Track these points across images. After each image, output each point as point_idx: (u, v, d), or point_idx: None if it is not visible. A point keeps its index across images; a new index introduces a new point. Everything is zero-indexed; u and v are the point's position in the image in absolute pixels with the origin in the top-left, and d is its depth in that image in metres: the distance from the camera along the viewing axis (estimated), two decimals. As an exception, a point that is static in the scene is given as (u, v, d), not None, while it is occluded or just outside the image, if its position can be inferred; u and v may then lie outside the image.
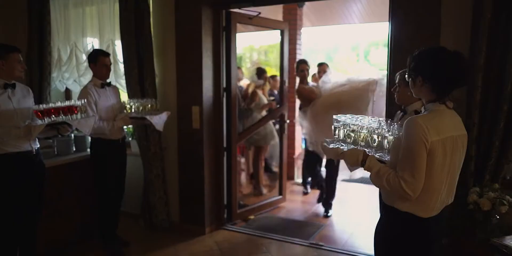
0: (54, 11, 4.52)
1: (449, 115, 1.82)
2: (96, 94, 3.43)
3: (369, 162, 1.85)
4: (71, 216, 3.67)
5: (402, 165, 1.74)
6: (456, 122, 1.84)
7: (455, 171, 1.84)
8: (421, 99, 2.45)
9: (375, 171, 1.82)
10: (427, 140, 1.68)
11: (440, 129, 1.73)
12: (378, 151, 1.94)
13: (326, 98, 4.37)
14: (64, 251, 3.58)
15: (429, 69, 1.78)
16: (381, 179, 1.78)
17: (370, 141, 1.97)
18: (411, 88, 1.90)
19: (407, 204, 1.80)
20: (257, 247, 3.75)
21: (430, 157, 1.71)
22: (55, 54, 4.58)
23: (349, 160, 1.92)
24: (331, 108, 4.11)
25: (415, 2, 3.04)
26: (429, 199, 1.78)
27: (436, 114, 1.78)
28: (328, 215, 4.63)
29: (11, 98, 2.87)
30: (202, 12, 3.84)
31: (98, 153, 3.51)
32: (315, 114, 4.38)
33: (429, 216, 1.82)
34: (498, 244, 2.38)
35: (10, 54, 2.87)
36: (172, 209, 4.19)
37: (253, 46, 8.92)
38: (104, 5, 4.28)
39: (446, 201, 1.88)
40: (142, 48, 3.91)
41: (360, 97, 4.12)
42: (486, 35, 2.69)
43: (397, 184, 1.72)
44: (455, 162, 1.81)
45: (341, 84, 4.38)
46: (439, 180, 1.77)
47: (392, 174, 1.75)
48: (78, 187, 3.71)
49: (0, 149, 2.76)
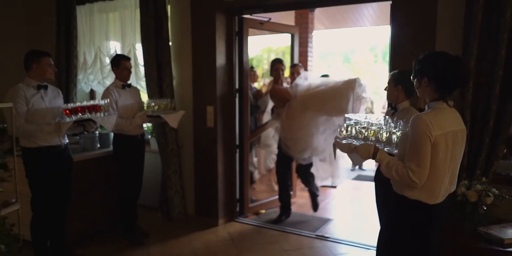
0: (80, 17, 4.87)
1: (450, 112, 2.04)
2: (117, 94, 3.73)
3: (380, 155, 2.09)
4: (96, 208, 3.99)
5: (409, 157, 1.96)
6: (456, 118, 2.06)
7: (456, 162, 2.05)
8: (408, 98, 2.72)
9: (385, 163, 2.05)
10: (431, 134, 1.90)
11: (443, 125, 1.94)
12: (386, 145, 2.18)
13: (303, 99, 4.15)
14: (90, 240, 3.89)
15: (435, 72, 1.99)
16: (391, 169, 2.01)
17: (379, 137, 2.21)
18: (416, 88, 2.12)
19: (415, 193, 2.02)
20: (266, 238, 4.00)
21: (434, 149, 1.93)
22: (81, 58, 4.93)
23: (361, 154, 2.16)
24: (309, 108, 4.05)
25: (413, 7, 3.24)
26: (434, 187, 2.00)
27: (438, 111, 2.00)
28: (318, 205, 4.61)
29: (44, 98, 3.19)
30: (216, 18, 4.11)
31: (119, 148, 3.82)
32: (291, 116, 4.19)
33: (435, 203, 2.04)
34: (483, 232, 2.57)
35: (42, 58, 3.18)
36: (188, 202, 4.47)
37: (271, 47, 9.18)
38: (126, 11, 4.60)
39: (449, 189, 2.10)
40: (160, 52, 4.21)
41: (340, 95, 3.92)
42: (477, 39, 2.87)
43: (405, 174, 1.95)
44: (456, 154, 2.02)
45: (316, 85, 4.17)
46: (442, 170, 1.98)
47: (400, 165, 1.98)
48: (102, 180, 4.02)
49: (34, 143, 3.09)
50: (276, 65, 4.50)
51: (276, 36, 7.17)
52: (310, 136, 4.12)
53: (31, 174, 3.12)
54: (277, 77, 4.49)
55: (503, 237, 2.47)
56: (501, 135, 2.90)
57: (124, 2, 4.52)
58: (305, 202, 5.29)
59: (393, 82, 2.76)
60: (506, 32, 2.78)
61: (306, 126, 4.08)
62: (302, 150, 4.21)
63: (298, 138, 4.17)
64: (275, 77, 4.50)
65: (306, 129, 4.10)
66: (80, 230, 3.81)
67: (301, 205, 5.13)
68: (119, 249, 3.73)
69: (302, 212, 4.88)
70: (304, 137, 4.14)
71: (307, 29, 6.33)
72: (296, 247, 3.82)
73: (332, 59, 17.49)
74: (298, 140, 4.17)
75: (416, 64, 2.08)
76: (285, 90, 4.34)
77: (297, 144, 4.20)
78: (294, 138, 4.19)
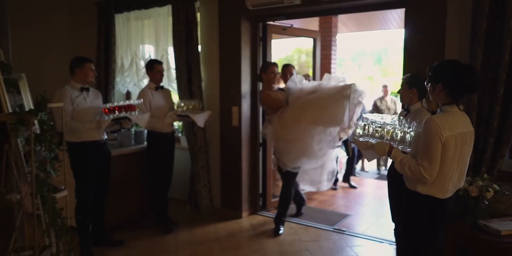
0: (118, 25, 5.30)
1: (460, 115, 2.26)
2: (151, 95, 4.10)
3: (395, 152, 2.33)
4: (132, 198, 4.39)
5: (421, 155, 2.19)
6: (466, 121, 2.28)
7: (464, 160, 2.27)
8: (420, 100, 2.93)
9: (399, 160, 2.28)
10: (442, 135, 2.13)
11: (453, 126, 2.16)
12: (400, 144, 2.41)
13: (295, 108, 3.91)
14: (126, 227, 4.28)
15: (449, 79, 2.21)
16: (404, 166, 2.24)
17: (394, 136, 2.45)
18: (430, 93, 2.33)
19: (427, 188, 2.25)
20: (286, 230, 4.27)
21: (444, 148, 2.15)
22: (119, 62, 5.35)
23: (377, 151, 2.41)
24: (303, 119, 3.84)
25: (425, 14, 3.44)
26: (443, 182, 2.23)
27: (449, 114, 2.22)
28: (280, 233, 4.18)
29: (86, 99, 3.59)
30: (242, 24, 4.43)
31: (151, 144, 4.20)
32: (284, 126, 3.95)
33: (445, 198, 2.27)
34: (482, 225, 2.77)
35: (85, 64, 3.58)
36: (214, 196, 4.80)
37: (300, 48, 9.43)
38: (160, 18, 4.98)
39: (458, 185, 2.32)
40: (190, 56, 4.56)
41: (335, 105, 3.68)
42: (482, 45, 3.06)
43: (417, 170, 2.18)
44: (464, 153, 2.24)
45: (309, 91, 3.96)
46: (451, 167, 2.21)
47: (413, 162, 2.21)
48: (136, 174, 4.41)
49: (78, 138, 3.49)
50: (271, 67, 4.23)
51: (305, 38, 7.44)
52: (304, 146, 3.92)
53: (75, 166, 3.52)
54: (271, 81, 4.23)
55: (500, 229, 2.66)
56: (505, 135, 3.07)
57: (158, 10, 4.90)
58: (325, 198, 5.54)
59: (407, 85, 2.94)
60: (509, 38, 2.95)
61: (300, 137, 3.90)
62: (294, 159, 4.03)
63: (291, 148, 3.97)
64: (270, 80, 4.22)
65: (300, 140, 3.91)
66: (117, 218, 4.21)
67: (322, 201, 5.38)
68: (151, 236, 4.10)
69: (322, 207, 5.13)
70: (298, 147, 3.94)
71: (331, 32, 6.56)
72: (313, 238, 4.09)
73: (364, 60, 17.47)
74: (291, 150, 3.98)
75: (431, 71, 2.29)
76: (275, 97, 4.09)
77: (289, 154, 4.01)
78: (287, 148, 4.00)
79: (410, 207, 2.39)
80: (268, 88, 4.20)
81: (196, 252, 3.75)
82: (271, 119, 4.07)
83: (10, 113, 2.22)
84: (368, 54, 17.46)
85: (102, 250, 3.72)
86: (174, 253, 3.70)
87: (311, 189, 4.56)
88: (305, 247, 3.86)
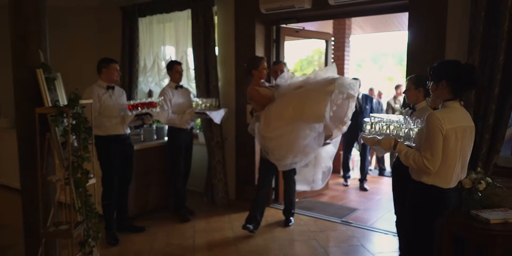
0: (141, 27, 5.65)
1: (461, 110, 2.48)
2: (171, 94, 4.42)
3: (399, 146, 2.55)
4: (152, 189, 4.72)
5: (424, 147, 2.40)
6: (466, 116, 2.49)
7: (465, 152, 2.48)
8: (425, 100, 3.12)
9: (404, 153, 2.50)
10: (442, 128, 2.34)
11: (453, 120, 2.38)
12: (405, 139, 2.65)
13: (279, 105, 3.80)
14: (147, 215, 4.62)
15: (453, 75, 2.43)
16: (409, 158, 2.46)
17: (399, 132, 2.71)
18: (432, 91, 2.54)
19: (431, 179, 2.46)
20: (296, 221, 4.53)
21: (445, 141, 2.36)
22: (142, 62, 5.71)
23: (384, 145, 2.64)
24: (285, 115, 3.70)
25: (426, 19, 3.65)
26: (446, 173, 2.44)
27: (450, 109, 2.44)
28: (290, 225, 4.38)
29: (111, 96, 3.92)
30: (256, 27, 4.72)
31: (171, 139, 4.52)
32: (268, 123, 3.81)
33: (448, 187, 2.48)
34: (474, 214, 2.97)
35: (110, 64, 3.92)
36: (229, 188, 5.10)
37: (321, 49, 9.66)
38: (180, 22, 5.31)
39: (460, 176, 2.54)
40: (208, 57, 4.86)
41: (316, 101, 3.55)
42: (478, 47, 3.25)
43: (420, 161, 2.39)
44: (465, 146, 2.45)
45: (295, 86, 3.84)
46: (453, 159, 2.42)
47: (417, 154, 2.43)
48: (157, 166, 4.74)
49: (104, 132, 3.82)
50: (262, 63, 4.10)
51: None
52: (289, 143, 3.78)
53: (101, 157, 3.86)
54: (264, 76, 4.13)
55: (490, 218, 2.86)
56: (500, 131, 3.27)
57: (178, 14, 5.23)
58: (336, 193, 5.77)
59: (414, 85, 3.14)
60: (503, 41, 3.14)
61: (284, 133, 3.75)
62: (282, 157, 3.88)
63: (276, 145, 3.83)
64: (261, 76, 4.11)
65: (285, 136, 3.76)
66: (140, 206, 4.56)
67: (332, 196, 5.62)
68: (170, 223, 4.43)
69: (332, 202, 5.36)
70: (283, 144, 3.80)
71: (344, 34, 6.77)
72: (321, 229, 4.34)
73: (385, 60, 17.50)
74: (277, 148, 3.84)
75: (432, 70, 2.50)
76: (265, 93, 3.98)
77: (276, 152, 3.87)
78: (273, 145, 3.85)
79: (416, 197, 2.59)
80: (257, 84, 4.07)
81: (211, 239, 4.05)
82: (259, 116, 3.93)
83: (51, 107, 2.56)
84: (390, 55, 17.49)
85: (126, 235, 4.06)
86: (191, 240, 4.01)
87: (305, 188, 4.51)
88: (313, 237, 4.11)
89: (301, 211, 4.85)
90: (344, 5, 4.00)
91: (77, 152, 2.55)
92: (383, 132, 2.82)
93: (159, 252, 3.72)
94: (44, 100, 2.57)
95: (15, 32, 2.83)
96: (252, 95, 4.02)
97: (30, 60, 2.79)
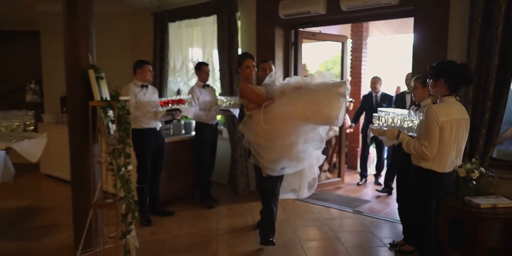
0: (171, 31, 6.16)
1: (456, 104, 2.84)
2: (199, 92, 4.88)
3: (402, 135, 2.95)
4: (180, 178, 5.19)
5: (423, 136, 2.78)
6: (461, 109, 2.85)
7: (459, 141, 2.83)
8: (430, 97, 3.46)
9: (406, 141, 2.89)
10: (439, 119, 2.71)
11: (448, 113, 2.74)
12: (408, 131, 3.06)
13: (283, 104, 3.55)
14: (176, 201, 5.10)
15: (450, 74, 2.79)
16: (410, 146, 2.85)
17: (403, 124, 3.13)
18: (432, 87, 2.91)
19: (428, 164, 2.83)
20: (311, 210, 4.93)
21: (441, 131, 2.73)
22: (171, 64, 6.22)
23: (388, 135, 3.04)
24: (292, 115, 3.47)
25: (430, 24, 3.99)
26: (442, 159, 2.80)
27: (446, 104, 2.81)
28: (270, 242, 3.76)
29: (145, 94, 4.41)
30: (276, 31, 5.14)
31: (198, 133, 4.98)
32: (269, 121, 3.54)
33: (443, 172, 2.84)
34: (467, 200, 3.31)
35: (144, 65, 4.40)
36: (250, 180, 5.52)
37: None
38: (207, 26, 5.78)
39: (455, 162, 2.89)
40: (232, 58, 5.31)
41: (328, 102, 3.38)
42: (476, 49, 3.58)
43: (420, 148, 2.78)
44: (459, 135, 2.81)
45: (294, 86, 3.65)
46: (448, 146, 2.78)
47: (416, 143, 2.82)
48: (185, 158, 5.21)
49: (138, 125, 4.30)
50: (246, 61, 3.95)
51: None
52: (289, 145, 3.56)
53: (136, 148, 4.34)
54: (248, 74, 3.92)
55: (480, 203, 3.19)
56: (495, 126, 3.58)
57: (205, 19, 5.70)
58: (352, 188, 6.12)
59: (421, 85, 3.52)
60: (497, 44, 3.46)
61: (285, 133, 3.53)
62: (275, 160, 3.60)
63: (273, 146, 3.57)
64: (246, 74, 3.93)
65: (285, 136, 3.53)
66: (170, 194, 5.05)
67: (348, 190, 5.97)
68: (196, 209, 4.91)
69: (345, 194, 5.72)
70: (281, 145, 3.56)
71: (362, 36, 7.11)
72: (334, 217, 4.72)
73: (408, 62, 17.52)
74: (273, 149, 3.57)
75: (432, 69, 2.87)
76: (259, 91, 3.77)
77: (270, 153, 3.59)
78: (269, 146, 3.58)
79: (415, 180, 2.97)
80: (247, 83, 3.89)
81: (233, 223, 4.48)
82: (253, 114, 3.68)
83: (102, 100, 3.05)
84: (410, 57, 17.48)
85: (157, 218, 4.55)
86: (215, 223, 4.45)
87: (291, 196, 4.20)
88: (325, 223, 4.50)
89: (316, 202, 5.24)
90: (355, 11, 4.37)
91: (121, 138, 3.03)
92: (388, 124, 3.22)
93: (187, 232, 4.19)
94: (95, 95, 3.07)
95: (68, 38, 3.35)
96: (245, 92, 3.77)
97: (80, 62, 3.30)
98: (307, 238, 4.10)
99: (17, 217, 4.65)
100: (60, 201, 5.14)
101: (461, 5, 3.77)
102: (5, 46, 7.91)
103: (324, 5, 4.58)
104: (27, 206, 5.09)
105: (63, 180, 6.00)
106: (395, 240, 3.92)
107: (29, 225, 4.40)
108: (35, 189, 6.03)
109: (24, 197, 5.43)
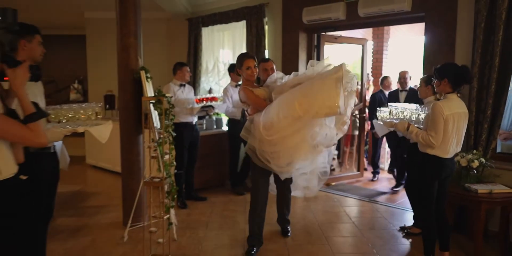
0: (204, 35, 6.73)
1: (457, 100, 3.27)
2: (232, 91, 5.41)
3: (411, 127, 3.40)
4: (213, 168, 5.75)
5: (430, 128, 3.22)
6: (461, 104, 3.28)
7: (460, 131, 3.27)
8: (434, 94, 3.88)
9: (415, 132, 3.34)
10: (443, 113, 3.16)
11: (451, 108, 3.18)
12: (416, 123, 3.52)
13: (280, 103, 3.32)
14: (208, 189, 5.66)
15: (453, 74, 3.23)
16: (418, 136, 3.29)
17: (411, 117, 3.59)
18: (436, 86, 3.34)
19: (433, 150, 3.27)
20: (330, 199, 5.39)
21: (445, 123, 3.17)
22: (204, 65, 6.79)
23: (399, 127, 3.49)
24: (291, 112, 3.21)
25: (439, 29, 4.40)
26: (445, 146, 3.24)
27: (449, 100, 3.24)
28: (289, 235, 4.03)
29: (183, 92, 4.98)
30: (299, 35, 5.63)
31: (231, 129, 5.49)
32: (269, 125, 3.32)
33: (446, 157, 3.28)
34: (467, 186, 3.71)
35: (183, 67, 4.98)
36: (275, 172, 6.01)
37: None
38: (236, 30, 6.32)
39: (456, 149, 3.33)
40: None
41: (325, 89, 3.13)
42: (479, 52, 3.98)
43: (427, 138, 3.22)
44: (460, 126, 3.24)
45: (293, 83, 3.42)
46: (451, 136, 3.21)
47: (424, 133, 3.26)
48: (217, 150, 5.76)
49: (177, 119, 4.83)
50: (246, 62, 3.64)
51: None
52: (296, 146, 3.33)
53: (175, 139, 4.88)
54: (249, 76, 3.64)
55: (478, 188, 3.60)
56: (496, 122, 3.97)
57: (235, 24, 6.24)
58: (369, 181, 6.53)
59: (424, 83, 3.96)
60: (498, 47, 3.85)
61: (288, 135, 3.29)
62: (287, 163, 3.42)
63: (279, 150, 3.35)
64: (246, 76, 3.66)
65: (292, 137, 3.30)
66: (203, 182, 5.61)
67: (366, 183, 6.39)
68: (227, 196, 5.47)
69: (365, 187, 6.15)
70: (288, 148, 3.33)
71: (383, 39, 7.50)
72: (351, 205, 5.17)
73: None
74: (280, 153, 3.36)
75: (436, 70, 3.31)
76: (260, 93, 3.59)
77: (280, 159, 3.38)
78: (275, 151, 3.36)
79: (422, 164, 3.39)
80: (249, 85, 3.66)
81: (259, 208, 5.00)
82: (255, 119, 3.49)
83: (152, 96, 3.63)
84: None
85: (192, 202, 5.12)
86: (243, 208, 4.98)
87: (298, 195, 4.13)
88: (343, 210, 4.96)
89: (336, 192, 5.69)
90: (372, 17, 4.82)
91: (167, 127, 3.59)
92: (399, 117, 3.67)
93: (218, 214, 4.73)
94: (145, 92, 3.65)
95: (121, 43, 3.94)
96: (245, 95, 3.57)
97: (131, 64, 3.88)
98: (325, 221, 4.57)
99: (71, 199, 5.33)
100: (104, 187, 5.81)
101: (467, 11, 4.16)
102: (53, 50, 8.69)
103: (343, 12, 5.03)
104: (78, 190, 5.80)
105: (106, 170, 6.70)
106: (406, 225, 4.34)
107: (81, 205, 5.07)
108: (83, 177, 6.74)
109: (75, 183, 6.11)
